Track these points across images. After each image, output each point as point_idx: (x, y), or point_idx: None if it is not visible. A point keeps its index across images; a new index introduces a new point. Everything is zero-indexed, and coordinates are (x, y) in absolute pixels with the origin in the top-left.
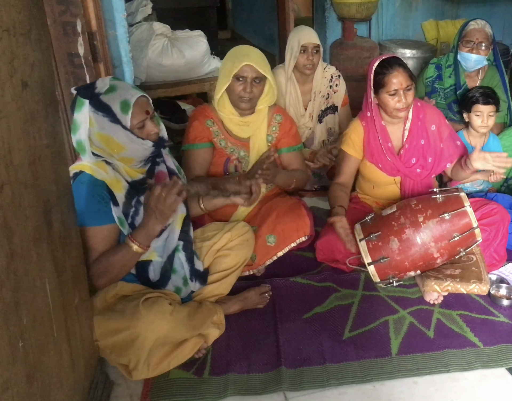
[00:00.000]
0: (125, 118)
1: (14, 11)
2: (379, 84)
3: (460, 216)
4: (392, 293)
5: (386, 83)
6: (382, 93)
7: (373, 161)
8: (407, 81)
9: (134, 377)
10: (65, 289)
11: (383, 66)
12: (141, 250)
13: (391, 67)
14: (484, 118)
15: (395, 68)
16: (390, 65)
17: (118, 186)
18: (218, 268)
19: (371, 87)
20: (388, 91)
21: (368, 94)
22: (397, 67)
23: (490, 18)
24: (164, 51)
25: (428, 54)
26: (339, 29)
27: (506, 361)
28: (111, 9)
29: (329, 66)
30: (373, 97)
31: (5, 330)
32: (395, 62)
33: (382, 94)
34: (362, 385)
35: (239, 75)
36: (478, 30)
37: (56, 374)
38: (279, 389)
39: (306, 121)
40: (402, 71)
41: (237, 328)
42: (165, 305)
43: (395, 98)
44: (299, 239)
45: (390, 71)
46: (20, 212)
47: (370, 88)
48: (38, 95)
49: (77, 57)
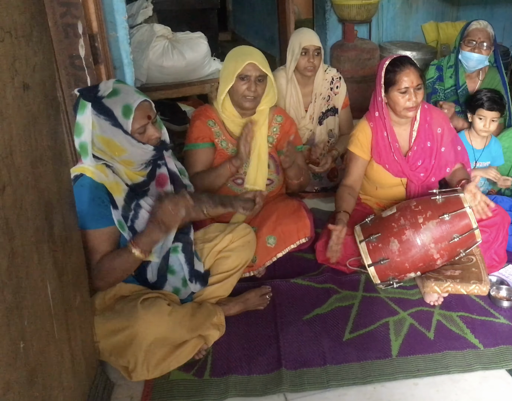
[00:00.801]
0: (126, 123)
1: (16, 13)
2: (390, 82)
3: (460, 217)
4: (392, 295)
5: (397, 80)
6: (392, 91)
7: (381, 162)
8: (418, 79)
9: (134, 378)
10: (66, 290)
11: (394, 64)
12: (142, 255)
13: (402, 65)
14: (486, 122)
15: (407, 66)
16: (402, 63)
17: (118, 189)
18: (219, 270)
19: (381, 85)
20: (399, 89)
21: (378, 92)
22: (408, 65)
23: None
24: (165, 53)
25: (428, 55)
26: (340, 31)
27: (506, 362)
28: (112, 11)
29: (330, 68)
30: (383, 96)
31: (6, 332)
32: (407, 60)
33: (393, 92)
34: (363, 386)
35: (243, 74)
36: (480, 29)
37: (57, 376)
38: (279, 390)
39: (307, 123)
40: (413, 70)
41: (238, 329)
42: (163, 305)
43: (405, 96)
44: (299, 240)
45: (401, 69)
46: (22, 213)
47: (381, 86)
48: (40, 97)
49: (78, 59)
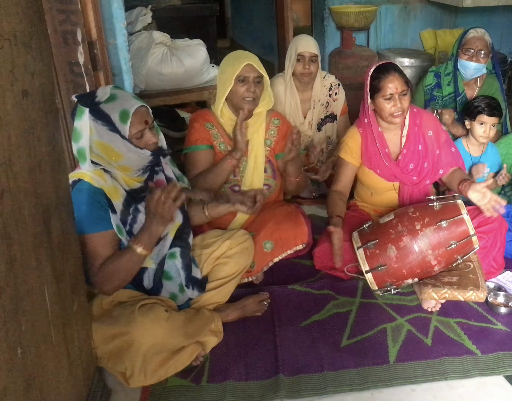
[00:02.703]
0: (123, 128)
1: (16, 21)
2: (375, 88)
3: (457, 223)
4: (390, 301)
5: (381, 87)
6: (378, 97)
7: (371, 167)
8: (403, 86)
9: (131, 384)
10: (63, 296)
11: (379, 71)
12: (145, 252)
13: (387, 72)
14: (487, 128)
15: (391, 73)
16: (386, 70)
17: (116, 194)
18: (217, 276)
19: (367, 92)
20: (384, 95)
21: (365, 99)
22: (392, 72)
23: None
24: (164, 60)
25: (426, 63)
26: (338, 38)
27: (504, 368)
28: (111, 18)
29: (329, 74)
30: (369, 103)
31: (4, 337)
32: (391, 67)
33: (378, 98)
34: (360, 392)
35: (241, 76)
36: (477, 38)
37: (55, 381)
38: (277, 396)
39: (305, 129)
40: (397, 76)
41: (235, 335)
42: (161, 311)
43: (390, 102)
44: (296, 246)
45: (386, 75)
46: (20, 219)
47: (367, 93)
48: (39, 103)
49: (77, 65)
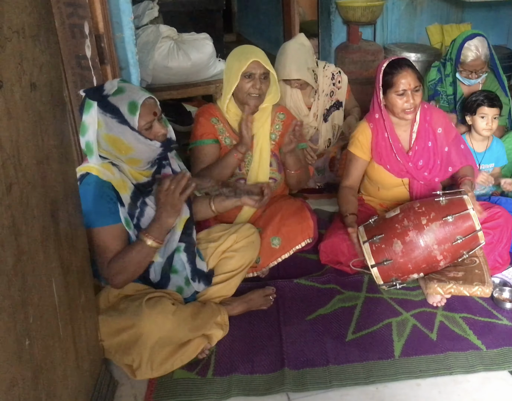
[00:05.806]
0: (133, 119)
1: (24, 14)
2: (387, 84)
3: (463, 218)
4: (395, 296)
5: (394, 83)
6: (390, 93)
7: (381, 163)
8: (415, 82)
9: (138, 376)
10: (71, 288)
11: (392, 66)
12: (156, 244)
13: (400, 67)
14: (489, 120)
15: (404, 68)
16: (399, 66)
17: (124, 187)
18: (223, 270)
19: (380, 87)
20: (397, 91)
21: (377, 95)
22: (406, 67)
23: (495, 22)
24: (170, 54)
25: (432, 57)
26: (344, 33)
27: (509, 364)
28: (118, 12)
29: (328, 64)
30: (381, 98)
31: (12, 328)
32: (404, 62)
33: (391, 94)
34: (365, 386)
35: (247, 72)
36: (474, 59)
37: (61, 373)
38: (282, 390)
39: (310, 121)
40: (410, 72)
41: (241, 329)
42: (168, 304)
43: (403, 98)
44: (304, 241)
45: (399, 71)
46: (28, 211)
47: (379, 89)
48: (46, 96)
49: (85, 59)
